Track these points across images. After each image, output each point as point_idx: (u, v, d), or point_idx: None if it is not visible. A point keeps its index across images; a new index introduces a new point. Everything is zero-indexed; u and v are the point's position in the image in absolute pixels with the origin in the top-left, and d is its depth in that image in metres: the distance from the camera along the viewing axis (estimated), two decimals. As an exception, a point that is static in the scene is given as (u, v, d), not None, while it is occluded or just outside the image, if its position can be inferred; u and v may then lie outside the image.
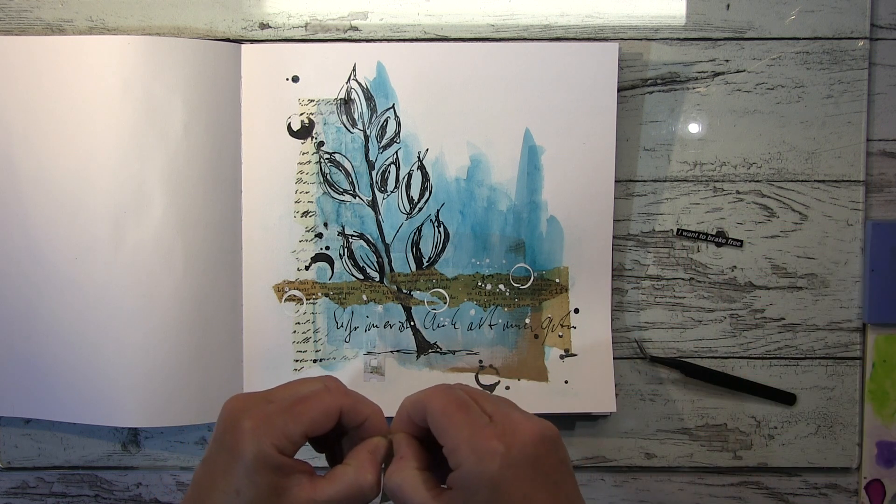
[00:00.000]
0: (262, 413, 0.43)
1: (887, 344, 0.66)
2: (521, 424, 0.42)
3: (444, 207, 0.65)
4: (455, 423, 0.42)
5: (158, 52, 0.61)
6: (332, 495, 0.43)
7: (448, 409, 0.43)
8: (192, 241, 0.62)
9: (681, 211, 0.66)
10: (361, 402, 0.46)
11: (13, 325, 0.63)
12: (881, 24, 0.65)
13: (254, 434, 0.42)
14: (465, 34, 0.65)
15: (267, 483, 0.42)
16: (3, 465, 0.68)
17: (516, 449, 0.41)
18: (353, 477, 0.43)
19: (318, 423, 0.43)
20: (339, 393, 0.45)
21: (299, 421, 0.43)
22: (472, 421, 0.42)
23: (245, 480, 0.41)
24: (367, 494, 0.44)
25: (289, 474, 0.42)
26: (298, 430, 0.43)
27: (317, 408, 0.44)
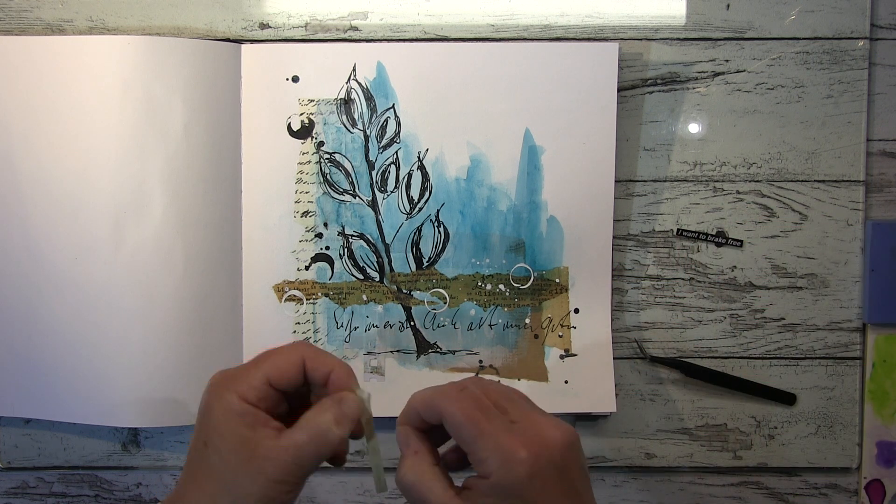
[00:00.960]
0: (228, 371, 0.44)
1: (887, 344, 0.66)
2: (545, 430, 0.43)
3: (444, 207, 0.65)
4: (480, 432, 0.42)
5: (158, 52, 0.61)
6: (295, 437, 0.42)
7: (469, 415, 0.42)
8: (192, 241, 0.62)
9: (681, 211, 0.66)
10: (325, 355, 0.45)
11: (13, 325, 0.63)
12: (881, 24, 0.65)
13: (219, 387, 0.43)
14: (465, 34, 0.65)
15: (232, 431, 0.42)
16: (3, 465, 0.68)
17: (543, 458, 0.41)
18: (313, 416, 0.43)
19: (280, 369, 0.44)
20: (303, 344, 0.45)
21: (259, 367, 0.43)
22: (496, 428, 0.42)
23: (212, 431, 0.42)
24: (329, 436, 0.43)
25: (253, 424, 0.42)
26: (259, 376, 0.43)
27: (278, 356, 0.44)
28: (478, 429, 0.42)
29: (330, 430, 0.43)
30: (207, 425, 0.43)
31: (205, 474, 0.42)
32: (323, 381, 0.45)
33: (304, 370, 0.44)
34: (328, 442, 0.43)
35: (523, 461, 0.41)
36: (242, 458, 0.42)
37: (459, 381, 0.45)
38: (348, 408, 0.44)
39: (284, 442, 0.42)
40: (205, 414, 0.43)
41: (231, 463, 0.42)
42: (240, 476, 0.41)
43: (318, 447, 0.42)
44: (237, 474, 0.41)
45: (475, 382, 0.46)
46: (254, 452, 0.42)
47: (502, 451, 0.41)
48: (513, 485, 0.41)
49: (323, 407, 0.43)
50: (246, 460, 0.41)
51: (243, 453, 0.42)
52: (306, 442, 0.42)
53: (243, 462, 0.41)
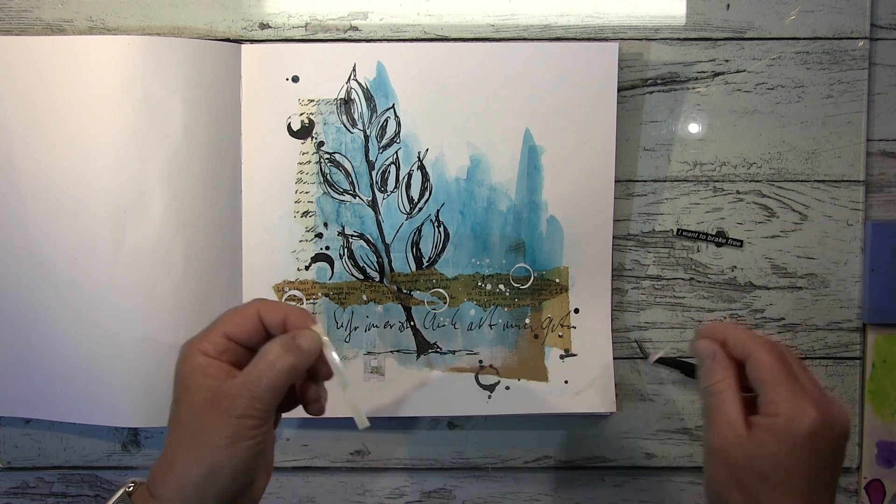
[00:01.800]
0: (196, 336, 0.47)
1: (887, 344, 0.66)
2: (835, 407, 0.46)
3: (444, 207, 0.65)
4: (779, 380, 0.46)
5: (158, 52, 0.61)
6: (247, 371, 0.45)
7: (774, 365, 0.46)
8: (192, 241, 0.62)
9: (681, 211, 0.66)
10: (281, 304, 0.48)
11: (13, 325, 0.63)
12: (881, 24, 0.65)
13: (184, 350, 0.46)
14: (465, 34, 0.65)
15: (196, 384, 0.45)
16: (3, 465, 0.68)
17: (827, 426, 0.45)
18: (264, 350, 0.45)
19: (236, 323, 0.47)
20: (260, 300, 0.48)
21: (217, 324, 0.47)
22: (794, 384, 0.46)
23: (181, 389, 0.45)
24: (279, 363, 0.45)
25: (216, 377, 0.45)
26: (217, 330, 0.46)
27: (235, 311, 0.48)
28: (778, 377, 0.46)
29: (280, 358, 0.45)
30: (179, 384, 0.46)
31: (180, 429, 0.45)
32: (281, 328, 0.47)
33: (261, 322, 0.47)
34: (279, 370, 0.45)
35: (810, 416, 0.44)
36: (207, 404, 0.44)
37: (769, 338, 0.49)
38: (302, 339, 0.46)
39: (239, 380, 0.45)
40: (178, 374, 0.46)
41: (198, 410, 0.44)
42: (206, 420, 0.44)
43: (272, 375, 0.44)
44: (204, 419, 0.44)
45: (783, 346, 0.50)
46: (217, 398, 0.44)
47: (795, 402, 0.45)
48: (794, 431, 0.44)
49: (274, 341, 0.46)
50: (212, 406, 0.44)
51: (210, 400, 0.44)
52: (258, 373, 0.44)
53: (210, 409, 0.44)
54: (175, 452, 0.44)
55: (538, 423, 0.67)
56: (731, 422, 0.46)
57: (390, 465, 0.68)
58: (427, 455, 0.67)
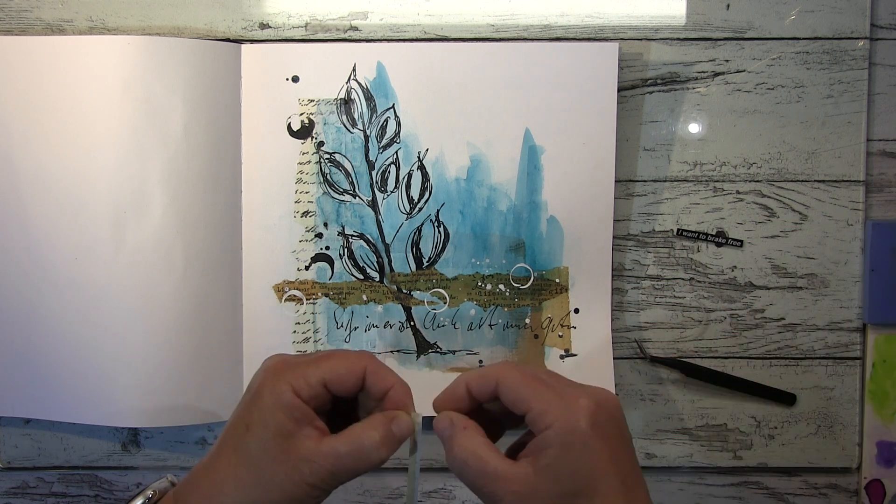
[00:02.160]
0: (286, 359, 0.44)
1: (887, 344, 0.66)
2: (598, 391, 0.43)
3: (444, 207, 0.65)
4: (538, 390, 0.42)
5: (158, 52, 0.61)
6: (336, 447, 0.42)
7: (527, 379, 0.43)
8: (192, 241, 0.62)
9: (681, 211, 0.66)
10: (387, 370, 0.45)
11: (13, 325, 0.63)
12: (881, 24, 0.65)
13: (274, 373, 0.43)
14: (465, 34, 0.65)
15: (276, 423, 0.42)
16: (3, 465, 0.68)
17: (604, 409, 0.42)
18: (360, 431, 0.43)
19: (338, 374, 0.43)
20: (366, 355, 0.45)
21: (319, 367, 0.43)
22: (553, 387, 0.43)
23: (257, 416, 0.42)
24: (370, 454, 0.42)
25: (300, 422, 0.42)
26: (317, 375, 0.43)
27: (340, 360, 0.44)
28: (535, 386, 0.42)
29: (374, 450, 0.43)
30: (253, 410, 0.42)
31: (240, 458, 0.42)
32: (380, 395, 0.44)
33: (363, 380, 0.44)
34: (369, 460, 0.42)
35: (585, 408, 0.41)
36: (281, 452, 0.41)
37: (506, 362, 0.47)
38: (398, 429, 0.44)
39: (325, 448, 0.42)
40: (253, 397, 0.43)
41: (269, 453, 0.41)
42: (275, 469, 0.41)
43: (358, 463, 0.42)
44: (273, 466, 0.41)
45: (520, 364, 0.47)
46: (294, 449, 0.41)
47: (563, 401, 0.41)
48: (576, 430, 0.41)
49: (373, 424, 0.43)
50: (285, 455, 0.41)
51: (284, 447, 0.41)
52: (347, 454, 0.42)
53: (281, 456, 0.41)
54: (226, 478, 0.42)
55: (538, 423, 0.67)
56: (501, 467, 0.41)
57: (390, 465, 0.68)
58: (427, 455, 0.67)
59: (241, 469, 0.42)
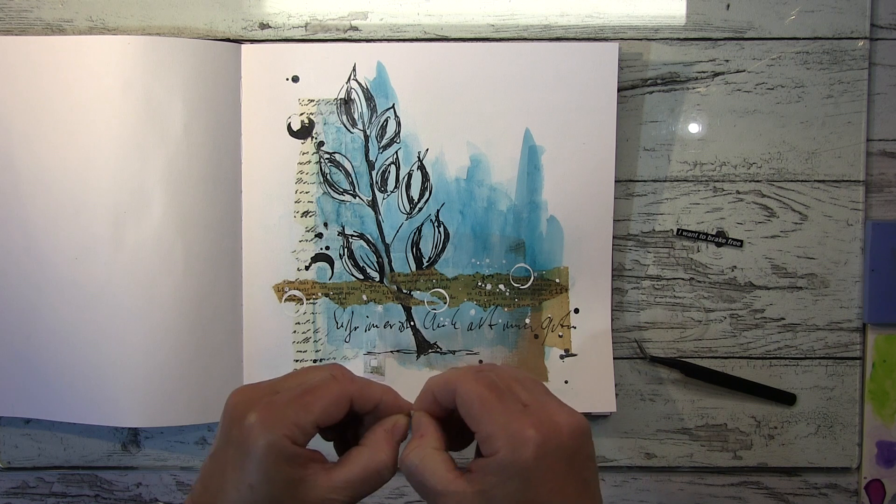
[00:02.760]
0: (270, 405, 0.42)
1: (887, 344, 0.66)
2: (557, 415, 0.41)
3: (444, 207, 0.65)
4: (489, 410, 0.41)
5: (158, 52, 0.61)
6: (349, 478, 0.42)
7: (482, 395, 0.41)
8: (192, 241, 0.62)
9: (681, 211, 0.66)
10: (370, 387, 0.44)
11: (13, 325, 0.63)
12: (881, 24, 0.65)
13: (263, 427, 0.41)
14: (465, 34, 0.65)
15: (281, 476, 0.41)
16: (3, 465, 0.68)
17: (553, 440, 0.40)
18: (368, 457, 0.43)
19: (329, 412, 0.42)
20: (347, 380, 0.44)
21: (309, 411, 0.42)
22: (507, 408, 0.41)
23: (258, 475, 0.40)
24: (383, 474, 0.43)
25: (303, 465, 0.41)
26: (309, 421, 0.42)
27: (326, 397, 0.43)
28: (488, 406, 0.41)
29: (386, 470, 0.43)
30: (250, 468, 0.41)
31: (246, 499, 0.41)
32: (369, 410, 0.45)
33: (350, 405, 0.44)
34: (382, 481, 0.43)
35: (530, 440, 0.40)
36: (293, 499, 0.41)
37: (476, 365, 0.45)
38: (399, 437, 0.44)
39: (338, 482, 0.42)
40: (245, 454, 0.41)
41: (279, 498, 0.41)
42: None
43: (373, 486, 0.43)
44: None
45: (492, 367, 0.45)
46: (306, 494, 0.41)
47: (510, 429, 0.40)
48: (518, 463, 0.39)
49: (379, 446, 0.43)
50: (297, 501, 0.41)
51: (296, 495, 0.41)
52: (361, 481, 0.42)
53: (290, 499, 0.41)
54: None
55: (538, 423, 0.67)
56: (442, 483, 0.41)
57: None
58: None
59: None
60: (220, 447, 0.42)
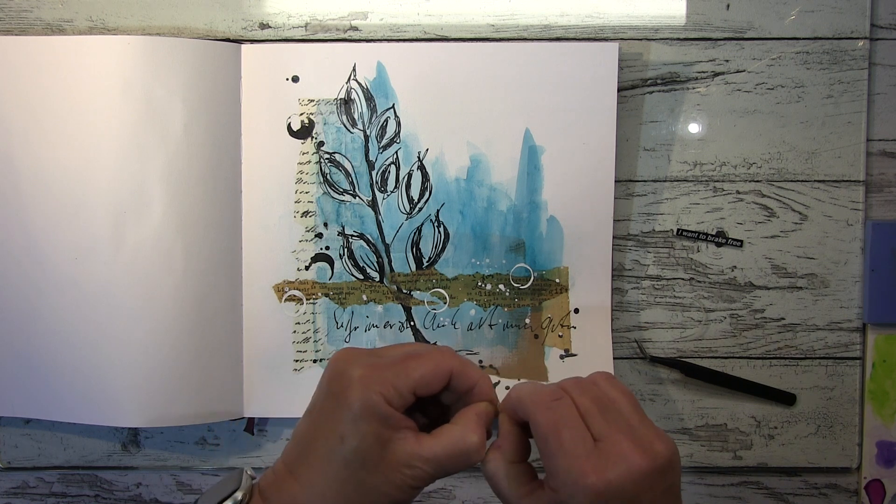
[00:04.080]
0: (373, 365, 0.43)
1: (887, 344, 0.66)
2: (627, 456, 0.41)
3: (444, 207, 0.65)
4: (557, 449, 0.42)
5: (158, 52, 0.61)
6: (438, 452, 0.43)
7: (553, 430, 0.42)
8: (192, 241, 0.62)
9: (681, 211, 0.66)
10: (470, 368, 0.45)
11: (13, 325, 0.63)
12: (881, 24, 0.65)
13: (363, 383, 0.42)
14: (465, 34, 0.65)
15: (372, 432, 0.42)
16: (3, 465, 0.68)
17: (613, 487, 0.40)
18: (460, 436, 0.43)
19: (428, 380, 0.43)
20: (450, 355, 0.45)
21: (409, 376, 0.43)
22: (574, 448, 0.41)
23: (350, 427, 0.42)
24: (471, 455, 0.43)
25: (395, 427, 0.42)
26: (408, 385, 0.43)
27: (428, 366, 0.44)
28: (556, 444, 0.42)
29: (475, 453, 0.43)
30: (345, 420, 0.42)
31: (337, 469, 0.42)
32: (464, 391, 0.45)
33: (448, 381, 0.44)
34: (469, 463, 0.43)
35: (589, 487, 0.40)
36: (381, 460, 0.42)
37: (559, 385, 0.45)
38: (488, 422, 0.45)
39: (426, 453, 0.42)
40: (342, 406, 0.42)
41: (370, 462, 0.42)
42: (376, 476, 0.42)
43: (458, 465, 0.43)
44: (374, 474, 0.42)
45: (576, 386, 0.45)
46: (393, 455, 0.42)
47: (572, 473, 0.41)
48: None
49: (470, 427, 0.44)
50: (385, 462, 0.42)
51: (383, 455, 0.42)
52: (448, 458, 0.43)
53: (382, 463, 0.42)
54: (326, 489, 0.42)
55: (538, 423, 0.67)
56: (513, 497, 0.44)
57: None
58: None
59: (340, 480, 0.42)
60: (318, 401, 0.44)
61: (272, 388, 0.65)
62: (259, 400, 0.65)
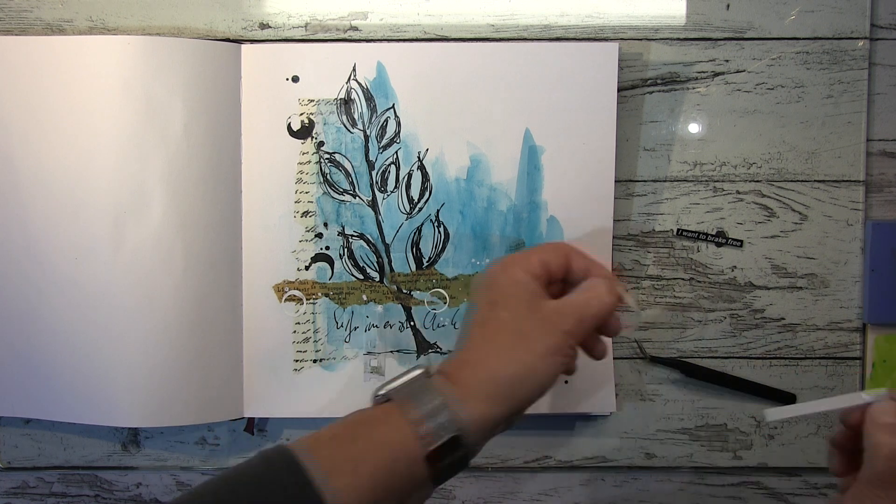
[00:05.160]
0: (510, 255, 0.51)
1: (887, 344, 0.66)
2: None
3: (444, 207, 0.65)
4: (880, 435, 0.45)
5: (158, 52, 0.61)
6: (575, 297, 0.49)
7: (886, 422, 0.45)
8: (192, 241, 0.62)
9: (681, 211, 0.66)
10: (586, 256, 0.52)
11: (13, 325, 0.63)
12: (881, 24, 0.65)
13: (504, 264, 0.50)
14: (465, 34, 0.65)
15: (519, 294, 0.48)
16: (3, 465, 0.68)
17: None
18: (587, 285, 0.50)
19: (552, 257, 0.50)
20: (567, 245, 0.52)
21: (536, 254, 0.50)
22: None
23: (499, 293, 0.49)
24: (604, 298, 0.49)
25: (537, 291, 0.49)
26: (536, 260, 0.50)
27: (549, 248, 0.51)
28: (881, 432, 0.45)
29: (607, 293, 0.49)
30: (495, 290, 0.49)
31: (495, 328, 0.48)
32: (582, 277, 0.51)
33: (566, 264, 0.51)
34: (606, 304, 0.49)
35: None
36: (532, 313, 0.48)
37: None
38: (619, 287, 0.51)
39: (569, 302, 0.49)
40: (491, 283, 0.49)
41: (522, 316, 0.48)
42: (532, 328, 0.47)
43: (598, 307, 0.49)
44: (529, 325, 0.47)
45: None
46: (541, 308, 0.48)
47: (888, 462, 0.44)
48: None
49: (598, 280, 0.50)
50: (536, 313, 0.48)
51: (532, 308, 0.48)
52: (586, 300, 0.49)
53: (534, 315, 0.48)
54: (488, 350, 0.47)
55: (538, 423, 0.67)
56: None
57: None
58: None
59: (501, 337, 0.47)
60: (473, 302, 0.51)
61: (272, 388, 0.65)
62: (259, 400, 0.65)
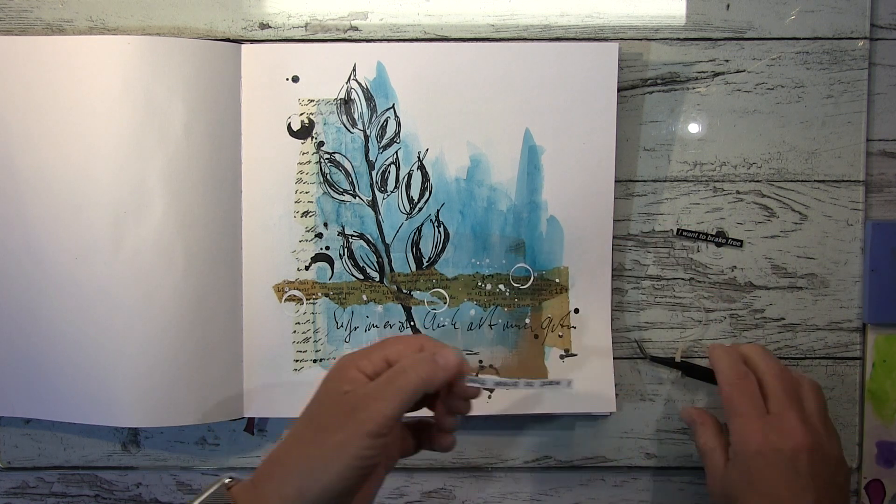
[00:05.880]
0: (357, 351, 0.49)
1: (887, 344, 0.66)
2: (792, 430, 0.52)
3: (444, 207, 0.65)
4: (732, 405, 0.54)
5: (158, 52, 0.61)
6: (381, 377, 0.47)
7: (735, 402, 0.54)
8: (192, 241, 0.62)
9: (681, 211, 0.66)
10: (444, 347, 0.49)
11: (13, 325, 0.63)
12: (881, 24, 0.65)
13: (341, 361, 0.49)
14: (465, 34, 0.65)
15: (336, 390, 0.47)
16: (3, 465, 0.68)
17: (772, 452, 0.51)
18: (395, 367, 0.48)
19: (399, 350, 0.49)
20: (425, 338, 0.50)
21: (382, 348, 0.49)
22: (746, 410, 0.53)
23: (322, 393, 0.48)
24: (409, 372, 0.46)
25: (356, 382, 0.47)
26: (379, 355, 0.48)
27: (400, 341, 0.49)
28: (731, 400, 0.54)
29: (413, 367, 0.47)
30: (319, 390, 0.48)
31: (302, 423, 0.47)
32: None
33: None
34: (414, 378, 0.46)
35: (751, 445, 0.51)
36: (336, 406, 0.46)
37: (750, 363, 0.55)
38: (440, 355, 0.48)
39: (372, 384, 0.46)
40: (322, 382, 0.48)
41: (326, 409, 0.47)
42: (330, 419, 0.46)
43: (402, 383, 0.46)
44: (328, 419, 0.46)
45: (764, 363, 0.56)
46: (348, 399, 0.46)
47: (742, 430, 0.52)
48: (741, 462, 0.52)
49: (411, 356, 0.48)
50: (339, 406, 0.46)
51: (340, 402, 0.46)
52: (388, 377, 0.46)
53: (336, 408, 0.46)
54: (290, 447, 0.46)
55: (538, 423, 0.67)
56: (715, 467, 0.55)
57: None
58: (427, 455, 0.67)
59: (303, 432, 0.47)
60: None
61: (272, 388, 0.65)
62: (259, 400, 0.65)
